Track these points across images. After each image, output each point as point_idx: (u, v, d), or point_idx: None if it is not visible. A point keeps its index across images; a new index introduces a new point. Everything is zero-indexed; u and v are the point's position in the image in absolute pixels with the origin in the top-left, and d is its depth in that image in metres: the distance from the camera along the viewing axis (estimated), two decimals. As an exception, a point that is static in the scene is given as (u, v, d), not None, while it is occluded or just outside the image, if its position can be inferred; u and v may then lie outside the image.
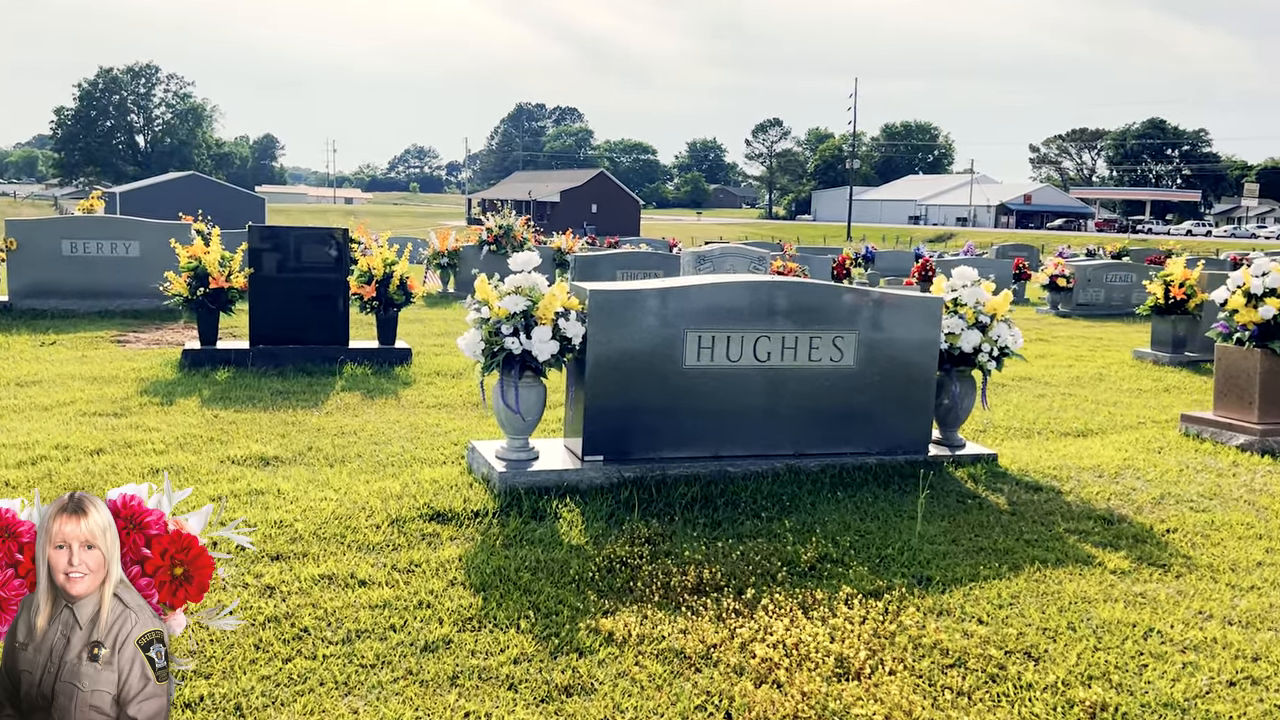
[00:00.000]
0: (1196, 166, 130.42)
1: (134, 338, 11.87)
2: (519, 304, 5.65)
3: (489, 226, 20.16)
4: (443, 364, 10.42)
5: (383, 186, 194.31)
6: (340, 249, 9.99)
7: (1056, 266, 20.10)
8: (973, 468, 6.51)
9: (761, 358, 6.15)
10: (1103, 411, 9.10)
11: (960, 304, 6.63)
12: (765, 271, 11.68)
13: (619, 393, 5.93)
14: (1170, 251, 31.65)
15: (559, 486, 5.73)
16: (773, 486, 5.89)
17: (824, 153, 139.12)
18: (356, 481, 6.00)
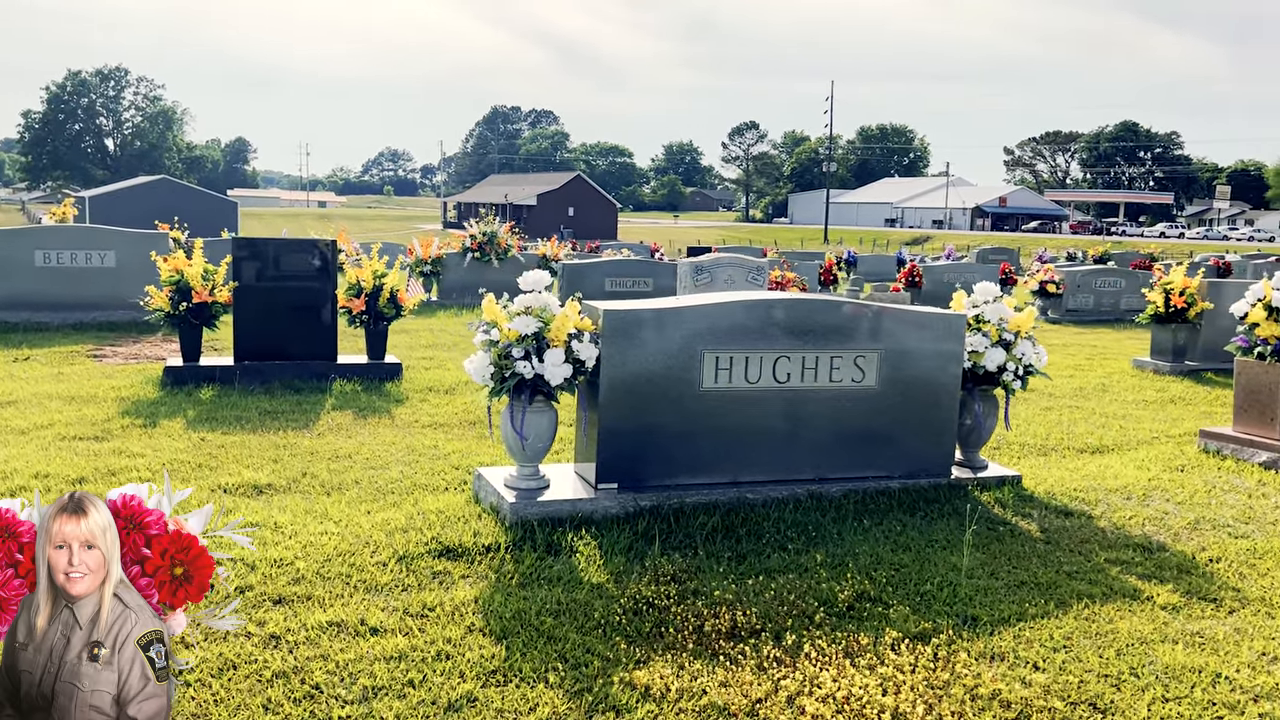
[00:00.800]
0: (1168, 169, 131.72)
1: (111, 352, 11.47)
2: (530, 325, 5.36)
3: (472, 233, 19.82)
4: (434, 379, 10.10)
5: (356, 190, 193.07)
6: (327, 261, 9.65)
7: (1046, 272, 19.99)
8: (999, 491, 6.28)
9: (781, 379, 5.89)
10: (1114, 425, 8.91)
11: (983, 321, 6.39)
12: (764, 280, 11.45)
13: (634, 417, 5.65)
14: (1152, 255, 31.67)
15: (573, 517, 5.44)
16: (795, 514, 5.63)
17: (800, 155, 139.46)
18: (357, 512, 5.69)
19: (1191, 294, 12.37)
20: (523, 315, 5.43)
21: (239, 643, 3.98)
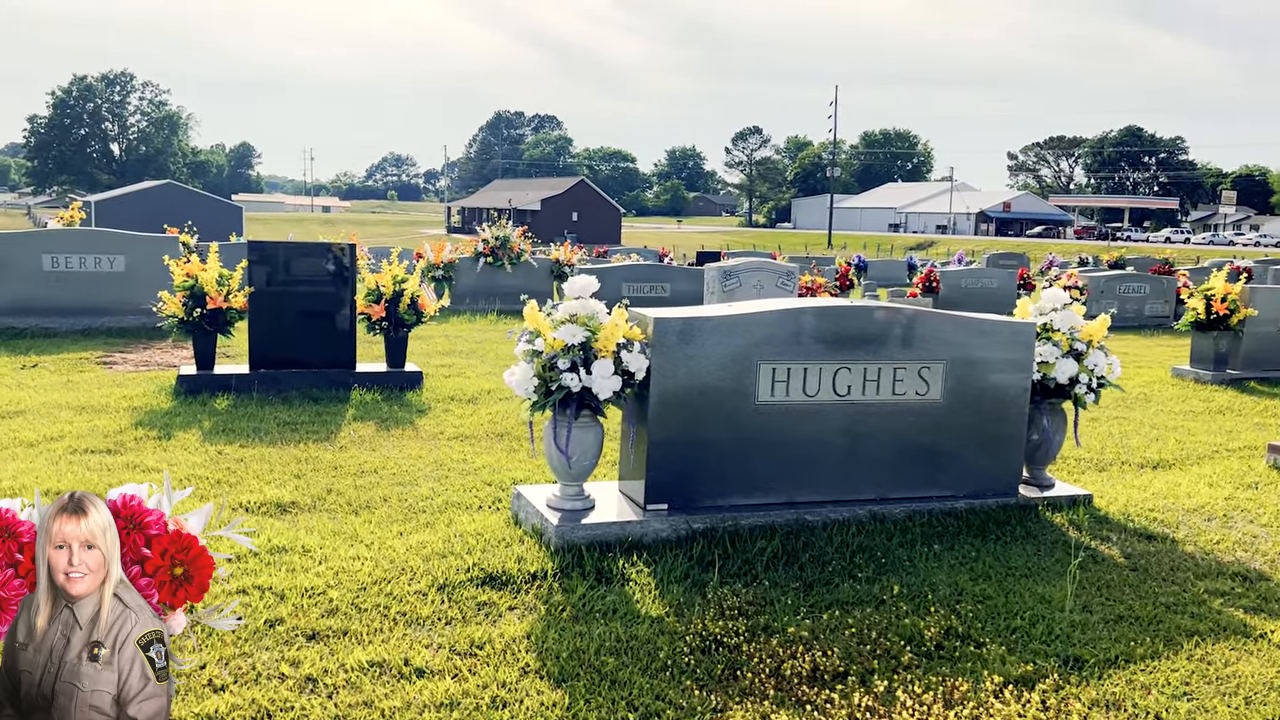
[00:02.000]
0: (1173, 174, 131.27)
1: (121, 359, 11.11)
2: (577, 335, 4.98)
3: (485, 238, 19.47)
4: (455, 387, 9.73)
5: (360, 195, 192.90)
6: (345, 265, 9.28)
7: (1069, 278, 19.60)
8: (1071, 512, 5.89)
9: (841, 392, 5.51)
10: (1168, 439, 8.52)
11: (1052, 329, 6.01)
12: (794, 286, 11.07)
13: (685, 433, 5.27)
14: (1168, 260, 31.29)
15: (622, 541, 5.06)
16: (859, 538, 5.25)
17: (803, 160, 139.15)
18: (388, 533, 5.31)
19: (1234, 300, 11.98)
20: (568, 324, 5.05)
21: (273, 686, 3.60)
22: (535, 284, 19.61)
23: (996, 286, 24.28)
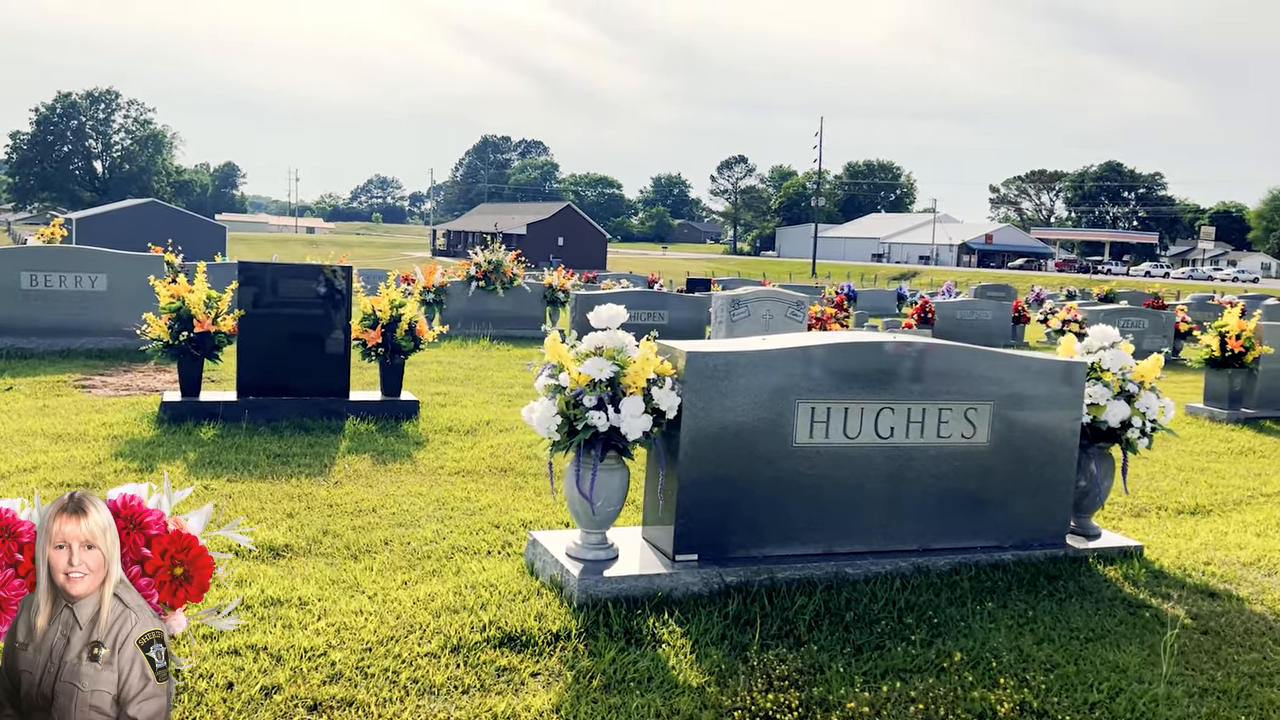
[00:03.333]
0: (1152, 209, 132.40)
1: (100, 382, 10.61)
2: (605, 370, 4.58)
3: (478, 261, 19.07)
4: (452, 418, 9.29)
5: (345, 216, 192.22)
6: (341, 289, 8.86)
7: (1069, 311, 19.36)
8: (1124, 565, 5.50)
9: (884, 434, 5.12)
10: (1198, 481, 8.17)
11: (1101, 369, 5.66)
12: (804, 316, 10.71)
13: (718, 477, 4.86)
14: (1157, 294, 31.21)
15: (650, 596, 4.64)
16: (905, 594, 4.84)
17: (788, 190, 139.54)
18: (392, 583, 4.87)
19: (1249, 338, 11.70)
20: (594, 357, 4.65)
21: (272, 771, 3.15)
22: (528, 309, 19.22)
23: (991, 318, 24.07)
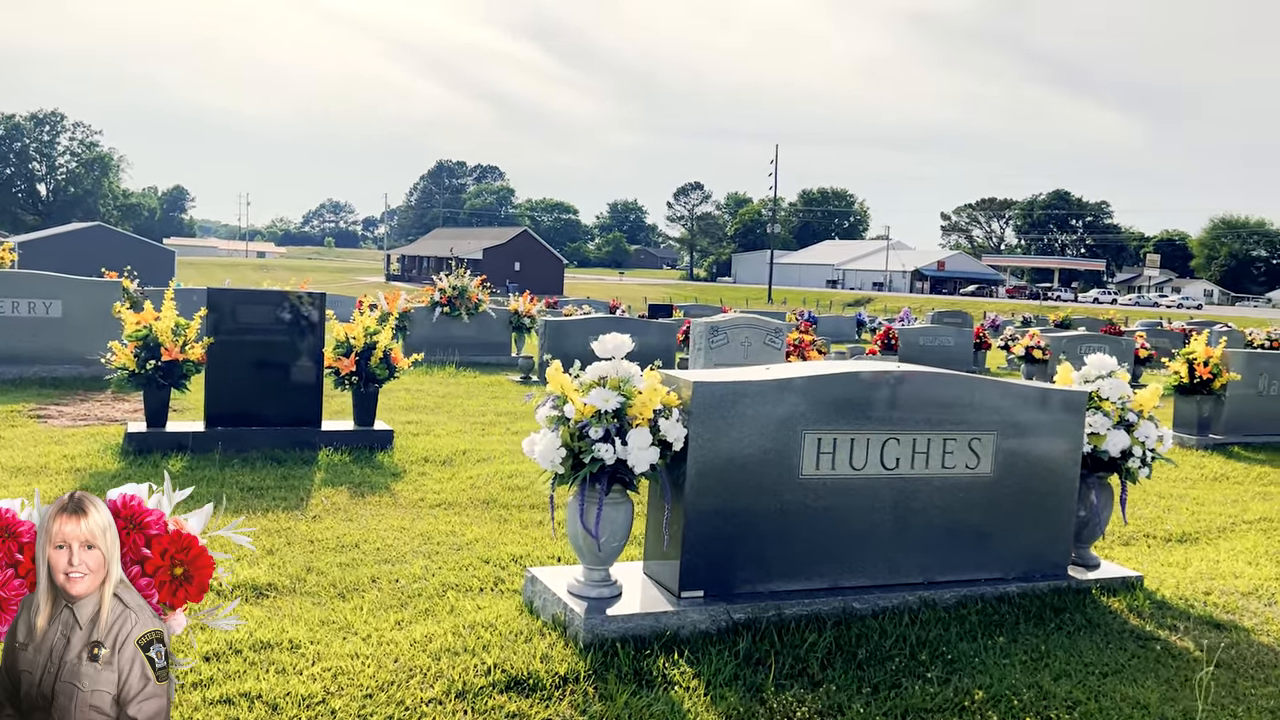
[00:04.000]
0: (1099, 237, 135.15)
1: (56, 412, 10.25)
2: (611, 400, 4.44)
3: (442, 287, 18.84)
4: (427, 447, 9.07)
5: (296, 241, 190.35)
6: (314, 316, 8.63)
7: (1031, 338, 19.54)
8: (1127, 596, 5.45)
9: (889, 465, 5.03)
10: (1180, 508, 8.19)
11: (1101, 398, 5.62)
12: (782, 344, 10.65)
13: (724, 510, 4.73)
14: (1111, 320, 31.73)
15: (658, 635, 4.48)
16: (915, 629, 4.74)
17: (743, 216, 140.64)
18: (384, 623, 4.67)
19: (1217, 364, 11.84)
20: (599, 388, 4.51)
21: (280, 833, 2.95)
22: (493, 335, 19.01)
23: (953, 345, 24.26)
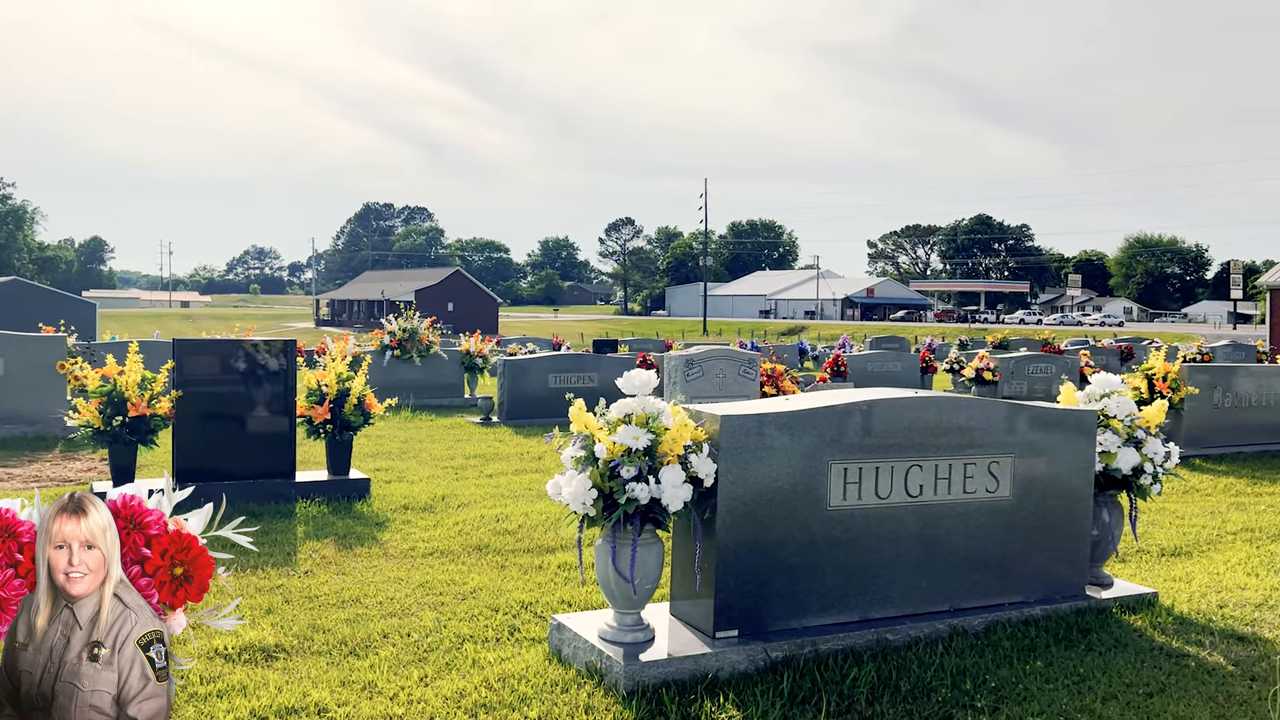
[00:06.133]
0: (1021, 259, 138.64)
1: (5, 474, 9.79)
2: (642, 439, 4.32)
3: (392, 330, 18.55)
4: (404, 494, 8.83)
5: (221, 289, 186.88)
6: (283, 364, 8.38)
7: (981, 360, 19.83)
8: (1147, 613, 5.45)
9: (913, 492, 4.98)
10: (1163, 522, 8.29)
11: (1109, 416, 5.65)
12: (756, 373, 10.62)
13: (755, 546, 4.63)
14: (1048, 341, 32.49)
15: (698, 678, 4.35)
16: (950, 658, 4.67)
17: (675, 250, 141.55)
18: (409, 680, 4.47)
19: (1175, 379, 12.10)
20: (626, 425, 4.39)
21: None
22: (446, 377, 18.75)
23: (901, 369, 24.56)
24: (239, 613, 3.65)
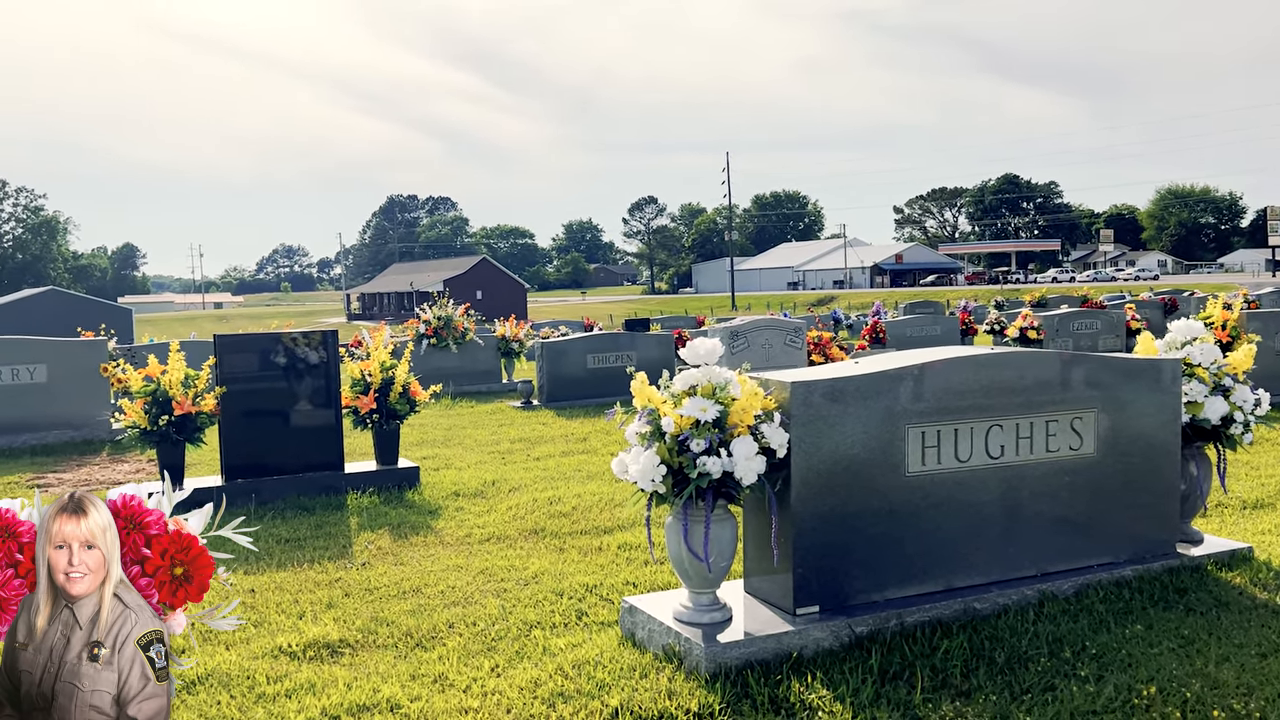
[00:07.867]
0: (1050, 217, 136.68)
1: (56, 480, 9.75)
2: (710, 410, 4.12)
3: (426, 319, 18.44)
4: (454, 481, 8.70)
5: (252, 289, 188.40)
6: (326, 355, 8.24)
7: (1026, 318, 19.44)
8: (1244, 569, 5.19)
9: (994, 454, 4.74)
10: (1239, 474, 7.99)
11: (1193, 365, 5.38)
12: (802, 343, 10.39)
13: (833, 517, 4.42)
14: (1086, 296, 31.88)
15: (781, 658, 4.16)
16: (1043, 625, 4.45)
17: (700, 226, 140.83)
18: (480, 671, 4.31)
19: (1235, 328, 11.71)
20: (693, 397, 4.19)
21: None
22: (482, 363, 18.62)
23: (941, 332, 24.20)
24: (239, 613, 3.50)
